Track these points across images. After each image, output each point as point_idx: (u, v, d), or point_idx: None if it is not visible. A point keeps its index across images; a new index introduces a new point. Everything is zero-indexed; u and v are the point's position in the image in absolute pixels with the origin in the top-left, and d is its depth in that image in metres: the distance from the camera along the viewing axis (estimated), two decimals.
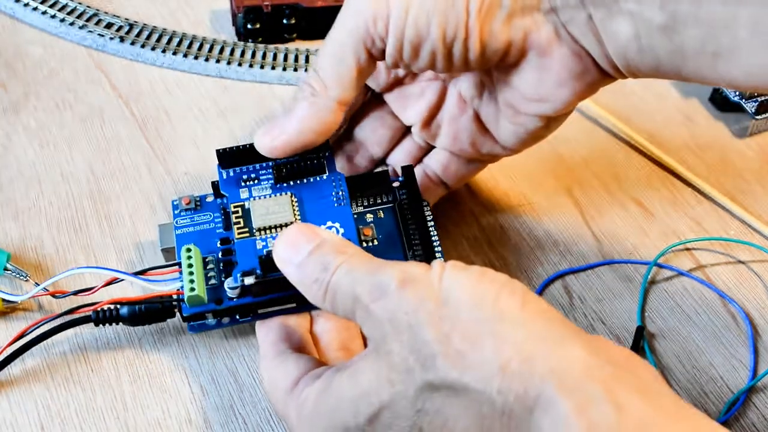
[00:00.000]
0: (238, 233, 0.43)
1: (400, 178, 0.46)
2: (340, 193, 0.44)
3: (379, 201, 0.46)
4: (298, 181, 0.45)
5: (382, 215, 0.46)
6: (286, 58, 0.60)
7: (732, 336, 0.47)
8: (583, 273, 0.49)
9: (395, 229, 0.45)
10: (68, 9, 0.62)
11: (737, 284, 0.49)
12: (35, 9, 0.62)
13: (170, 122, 0.56)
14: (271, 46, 0.61)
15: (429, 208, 0.46)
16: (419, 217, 0.45)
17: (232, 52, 0.60)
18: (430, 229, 0.45)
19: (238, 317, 0.43)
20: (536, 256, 0.50)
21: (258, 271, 0.41)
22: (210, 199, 0.46)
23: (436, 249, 0.44)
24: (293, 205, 0.43)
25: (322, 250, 0.37)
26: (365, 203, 0.46)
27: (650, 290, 0.49)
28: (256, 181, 0.44)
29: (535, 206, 0.52)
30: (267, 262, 0.40)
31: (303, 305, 0.43)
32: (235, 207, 0.43)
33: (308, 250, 0.38)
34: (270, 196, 0.44)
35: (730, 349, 0.46)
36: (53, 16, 0.61)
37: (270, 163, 0.45)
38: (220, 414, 0.42)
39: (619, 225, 0.52)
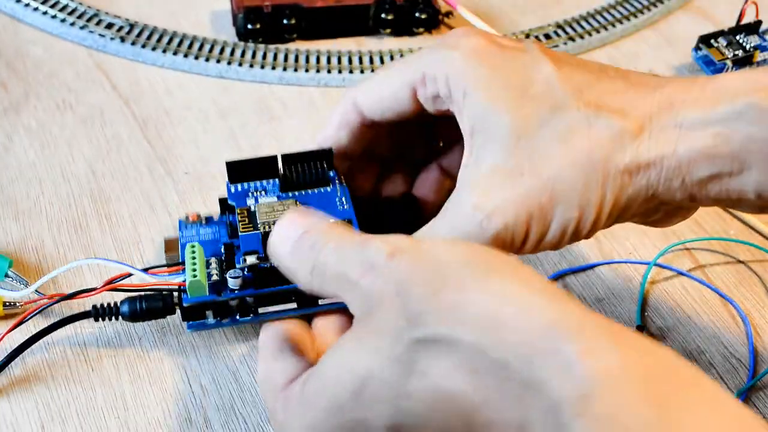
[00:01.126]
0: (243, 229, 0.43)
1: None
2: (344, 199, 0.45)
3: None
4: (303, 192, 0.45)
5: None
6: (286, 59, 0.60)
7: (731, 336, 0.47)
8: (582, 273, 0.49)
9: None
10: (69, 9, 0.62)
11: (737, 284, 0.49)
12: (36, 9, 0.62)
13: (170, 122, 0.56)
14: (272, 47, 0.61)
15: None
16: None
17: (232, 53, 0.60)
18: None
19: (237, 316, 0.43)
20: (536, 256, 0.50)
21: (260, 253, 0.41)
22: (216, 217, 0.47)
23: None
24: (297, 206, 0.44)
25: (310, 233, 0.37)
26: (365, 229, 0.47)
27: (650, 290, 0.49)
28: (263, 193, 0.45)
29: None
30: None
31: (304, 305, 0.44)
32: (240, 210, 0.44)
33: (298, 235, 0.37)
34: (275, 201, 0.44)
35: (729, 348, 0.46)
36: (54, 17, 0.61)
37: (277, 180, 0.45)
38: (220, 414, 0.42)
39: (618, 225, 0.52)
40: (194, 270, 0.41)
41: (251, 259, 0.41)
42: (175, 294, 0.43)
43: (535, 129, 0.38)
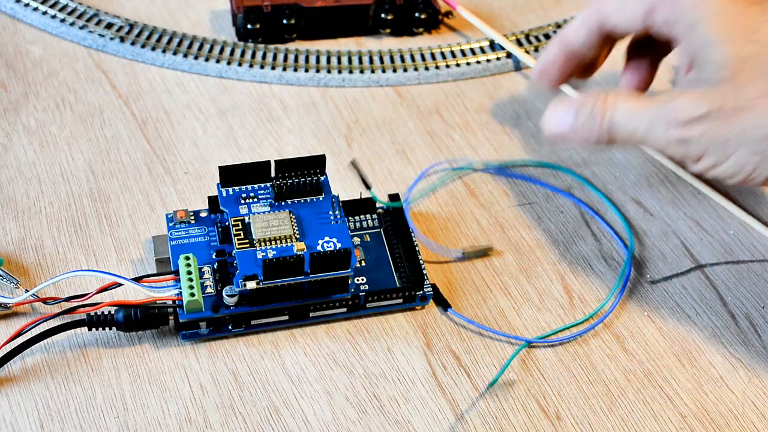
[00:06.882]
0: (239, 245, 0.43)
1: (386, 205, 0.49)
2: (337, 212, 0.45)
3: (366, 225, 0.49)
4: (296, 201, 0.45)
5: (368, 239, 0.48)
6: (286, 59, 0.60)
7: (732, 336, 0.47)
8: (583, 273, 0.49)
9: (382, 253, 0.48)
10: (68, 9, 0.62)
11: (737, 284, 0.49)
12: (35, 9, 0.62)
13: (170, 122, 0.56)
14: (271, 47, 0.61)
15: (414, 235, 0.48)
16: (405, 243, 0.47)
17: (232, 52, 0.60)
18: (417, 252, 0.47)
19: (230, 327, 0.44)
20: (536, 256, 0.50)
21: (260, 277, 0.42)
22: (204, 214, 0.47)
23: (423, 271, 0.46)
24: (292, 221, 0.44)
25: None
26: (352, 227, 0.49)
27: (650, 290, 0.49)
28: (254, 200, 0.45)
29: (534, 206, 0.52)
30: (270, 267, 0.41)
31: (295, 318, 0.44)
32: (235, 221, 0.44)
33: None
34: (269, 213, 0.45)
35: (729, 348, 0.46)
36: (53, 16, 0.61)
37: (268, 185, 0.46)
38: (220, 413, 0.42)
39: (618, 225, 0.52)
40: (191, 288, 0.43)
41: (251, 285, 0.42)
42: (170, 303, 0.43)
43: (749, 71, 0.41)
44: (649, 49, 0.52)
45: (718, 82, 0.42)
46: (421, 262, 0.47)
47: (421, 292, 0.46)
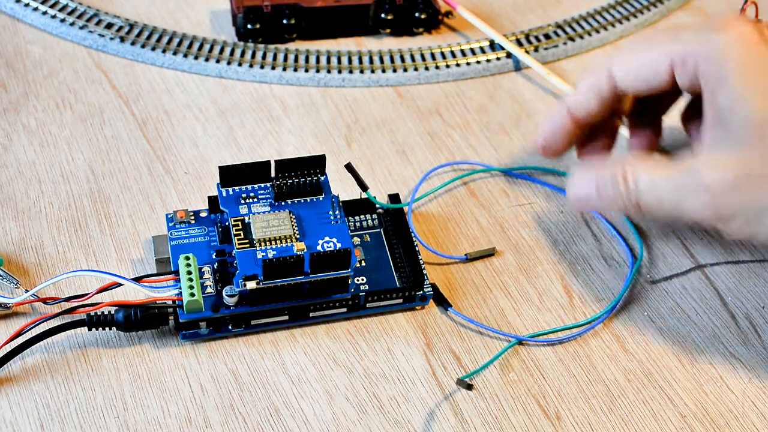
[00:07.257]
0: (239, 245, 0.43)
1: (386, 205, 0.49)
2: (337, 212, 0.45)
3: (366, 225, 0.49)
4: (296, 201, 0.46)
5: (368, 239, 0.48)
6: (286, 59, 0.60)
7: (732, 336, 0.47)
8: (583, 273, 0.49)
9: (382, 253, 0.48)
10: (68, 9, 0.62)
11: (737, 284, 0.49)
12: (35, 9, 0.62)
13: (170, 122, 0.56)
14: (271, 47, 0.61)
15: (415, 235, 0.48)
16: (405, 244, 0.47)
17: (232, 52, 0.60)
18: (417, 252, 0.47)
19: (230, 327, 0.44)
20: (536, 256, 0.50)
21: (260, 277, 0.42)
22: (204, 214, 0.47)
23: (423, 271, 0.46)
24: (292, 221, 0.44)
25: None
26: (352, 227, 0.49)
27: (650, 290, 0.49)
28: (254, 200, 0.45)
29: (534, 206, 0.53)
30: (270, 267, 0.41)
31: (295, 318, 0.44)
32: (235, 221, 0.44)
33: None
34: (269, 213, 0.45)
35: (729, 348, 0.46)
36: (53, 16, 0.61)
37: (268, 185, 0.46)
38: (220, 413, 0.42)
39: (618, 225, 0.52)
40: (191, 288, 0.43)
41: (251, 284, 0.42)
42: (170, 303, 0.43)
43: None
44: (650, 112, 0.49)
45: (744, 141, 0.40)
46: (421, 262, 0.47)
47: (421, 292, 0.46)
